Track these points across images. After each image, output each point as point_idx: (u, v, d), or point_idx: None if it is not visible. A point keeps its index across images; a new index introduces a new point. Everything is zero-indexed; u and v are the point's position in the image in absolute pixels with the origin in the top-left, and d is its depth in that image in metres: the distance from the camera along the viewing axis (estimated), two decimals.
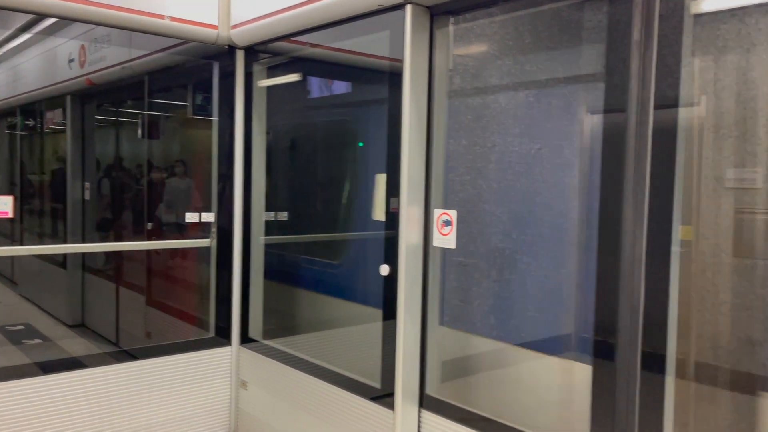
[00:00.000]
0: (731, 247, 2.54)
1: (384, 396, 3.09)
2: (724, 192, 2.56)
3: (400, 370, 2.96)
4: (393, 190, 2.98)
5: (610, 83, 2.25)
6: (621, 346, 2.18)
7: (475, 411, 2.79)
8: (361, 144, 4.17)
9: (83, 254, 6.70)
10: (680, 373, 2.21)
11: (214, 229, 4.16)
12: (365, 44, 3.52)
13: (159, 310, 5.47)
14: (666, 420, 2.08)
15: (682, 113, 2.11)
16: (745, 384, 2.38)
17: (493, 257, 3.20)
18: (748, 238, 2.49)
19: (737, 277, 2.52)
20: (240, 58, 4.07)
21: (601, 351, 2.27)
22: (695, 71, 2.35)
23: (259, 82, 4.10)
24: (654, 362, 2.10)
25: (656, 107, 2.10)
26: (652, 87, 2.11)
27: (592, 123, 2.97)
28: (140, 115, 5.68)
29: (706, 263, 2.59)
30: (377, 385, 3.17)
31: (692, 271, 2.58)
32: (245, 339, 4.13)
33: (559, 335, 2.94)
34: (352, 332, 3.84)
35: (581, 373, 2.71)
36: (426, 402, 3.00)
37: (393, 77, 3.02)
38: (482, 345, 3.24)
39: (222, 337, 4.16)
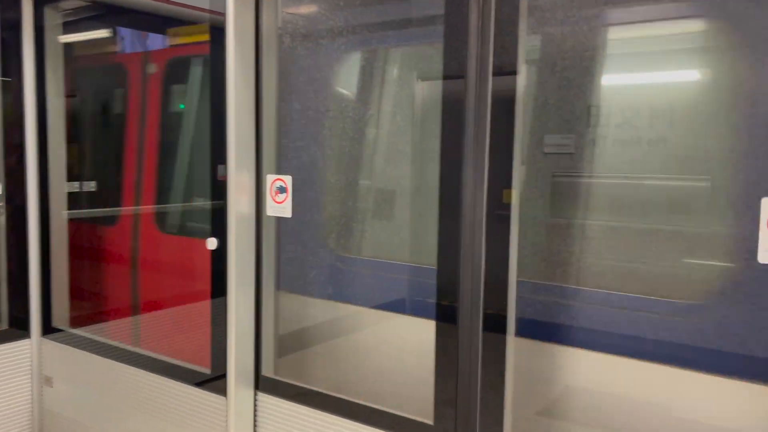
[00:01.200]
0: (549, 209, 2.69)
1: (215, 380, 2.88)
2: (543, 157, 2.70)
3: (232, 351, 2.75)
4: (219, 155, 2.74)
5: (448, 47, 2.21)
6: (463, 308, 2.19)
7: (313, 388, 2.70)
8: (182, 106, 3.80)
9: None
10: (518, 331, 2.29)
11: (1, 203, 3.57)
12: None
13: None
14: (507, 378, 2.14)
15: (514, 81, 2.13)
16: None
17: (330, 225, 3.11)
18: (563, 199, 2.64)
19: (553, 236, 2.68)
20: (27, 4, 3.48)
21: (444, 314, 2.27)
22: (523, 40, 2.41)
23: (54, 35, 3.55)
24: (495, 323, 2.14)
25: (494, 73, 2.10)
26: (491, 52, 2.10)
27: (422, 89, 2.96)
28: None
29: (528, 224, 2.72)
30: (207, 370, 2.94)
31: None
32: (48, 329, 3.66)
33: (397, 299, 2.94)
34: (178, 313, 3.54)
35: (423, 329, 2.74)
36: (262, 383, 2.83)
37: (215, 32, 2.74)
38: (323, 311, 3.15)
39: (18, 328, 3.63)
